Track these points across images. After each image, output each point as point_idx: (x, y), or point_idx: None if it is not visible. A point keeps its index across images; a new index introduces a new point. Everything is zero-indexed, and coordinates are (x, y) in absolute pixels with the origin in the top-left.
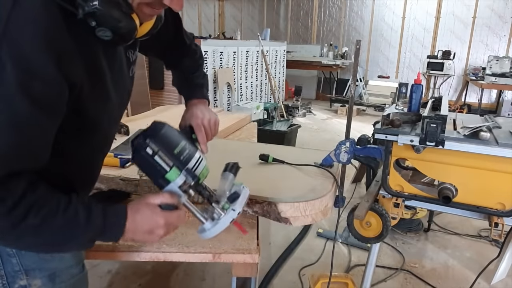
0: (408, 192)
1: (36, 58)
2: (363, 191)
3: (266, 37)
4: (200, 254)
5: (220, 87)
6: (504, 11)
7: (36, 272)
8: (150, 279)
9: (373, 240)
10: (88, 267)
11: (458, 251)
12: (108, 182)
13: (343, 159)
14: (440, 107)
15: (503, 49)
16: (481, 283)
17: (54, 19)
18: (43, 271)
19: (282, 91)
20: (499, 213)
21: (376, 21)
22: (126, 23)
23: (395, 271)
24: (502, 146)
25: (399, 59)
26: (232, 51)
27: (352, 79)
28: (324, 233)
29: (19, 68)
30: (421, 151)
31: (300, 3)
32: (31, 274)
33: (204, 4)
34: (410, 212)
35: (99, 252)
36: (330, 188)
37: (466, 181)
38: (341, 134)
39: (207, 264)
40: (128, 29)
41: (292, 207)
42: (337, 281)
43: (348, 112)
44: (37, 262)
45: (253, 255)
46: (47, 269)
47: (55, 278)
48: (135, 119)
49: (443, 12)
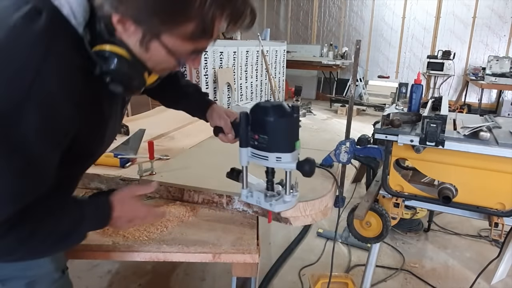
0: (408, 192)
1: (58, 107)
2: (363, 191)
3: (266, 37)
4: (200, 254)
5: (220, 87)
6: (504, 11)
7: (13, 282)
8: (150, 279)
9: (373, 240)
10: (88, 267)
11: (458, 251)
12: (108, 182)
13: (343, 159)
14: (440, 107)
15: (503, 49)
16: (481, 283)
17: (75, 73)
18: (21, 279)
19: (282, 91)
20: (499, 213)
21: (376, 21)
22: (138, 82)
23: (395, 271)
24: (502, 146)
25: (399, 59)
26: (232, 51)
27: (352, 79)
28: (324, 233)
29: (42, 114)
30: (421, 151)
31: (300, 3)
32: (7, 284)
33: None
34: (410, 212)
35: (99, 252)
36: (330, 188)
37: (466, 181)
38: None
39: (207, 264)
40: (138, 86)
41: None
42: (337, 281)
43: (348, 112)
44: (14, 271)
45: (253, 255)
46: (26, 277)
47: (35, 285)
48: (135, 119)
49: (443, 12)
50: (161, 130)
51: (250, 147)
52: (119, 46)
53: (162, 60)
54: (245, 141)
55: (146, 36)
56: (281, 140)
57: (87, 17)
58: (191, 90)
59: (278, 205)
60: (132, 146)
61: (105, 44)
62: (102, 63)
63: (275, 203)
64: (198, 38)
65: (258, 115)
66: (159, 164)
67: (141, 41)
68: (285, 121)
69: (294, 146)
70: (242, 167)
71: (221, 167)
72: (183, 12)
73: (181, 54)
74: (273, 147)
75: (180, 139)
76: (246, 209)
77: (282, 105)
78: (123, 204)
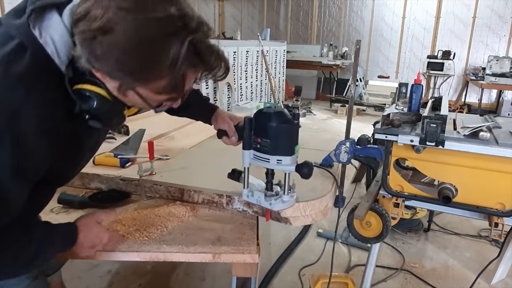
0: (408, 192)
1: (33, 145)
2: (363, 191)
3: (266, 37)
4: (200, 254)
5: (220, 87)
6: (504, 11)
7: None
8: (150, 279)
9: (373, 240)
10: (88, 267)
11: (458, 251)
12: (108, 182)
13: (343, 159)
14: (440, 107)
15: (503, 49)
16: (481, 283)
17: (56, 113)
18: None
19: (282, 91)
20: (499, 213)
21: (376, 21)
22: (117, 119)
23: (395, 271)
24: (502, 146)
25: (399, 59)
26: (232, 51)
27: (352, 79)
28: (324, 233)
29: (15, 154)
30: (421, 151)
31: (300, 3)
32: None
33: (204, 4)
34: (410, 212)
35: (99, 252)
36: (330, 188)
37: (466, 181)
38: (341, 134)
39: (207, 264)
40: (118, 122)
41: (292, 207)
42: (337, 281)
43: (348, 112)
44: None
45: (253, 255)
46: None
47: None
48: (135, 119)
49: (443, 12)
50: (161, 130)
51: (253, 150)
52: (99, 87)
53: (140, 104)
54: (248, 144)
55: (122, 86)
56: (282, 144)
57: (71, 56)
58: (193, 99)
59: (277, 204)
60: (132, 146)
61: (86, 83)
62: (82, 102)
63: (274, 202)
64: (171, 92)
65: (262, 120)
66: (159, 164)
67: (118, 89)
68: (286, 126)
69: (293, 150)
70: (244, 168)
71: (221, 167)
72: (154, 72)
73: (156, 102)
74: (274, 150)
75: (180, 139)
76: (246, 209)
77: (284, 112)
78: (88, 230)
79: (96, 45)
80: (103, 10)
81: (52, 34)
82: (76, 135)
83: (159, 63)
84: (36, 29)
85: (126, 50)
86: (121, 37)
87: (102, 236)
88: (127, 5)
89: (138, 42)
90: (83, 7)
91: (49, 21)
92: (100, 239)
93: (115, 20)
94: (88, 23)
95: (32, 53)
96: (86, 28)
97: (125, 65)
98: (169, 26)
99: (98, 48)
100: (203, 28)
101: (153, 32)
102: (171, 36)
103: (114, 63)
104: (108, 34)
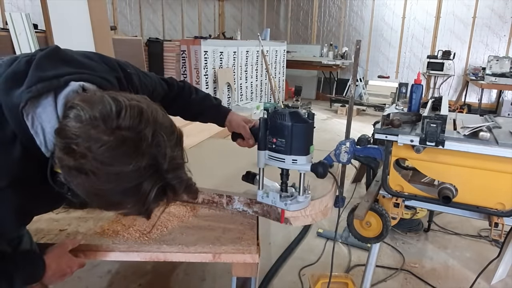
0: (408, 192)
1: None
2: (363, 191)
3: (266, 37)
4: (200, 254)
5: (220, 87)
6: (504, 11)
7: None
8: (150, 279)
9: (373, 240)
10: (88, 267)
11: (458, 251)
12: None
13: (343, 159)
14: (440, 107)
15: (503, 49)
16: (481, 283)
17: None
18: None
19: (282, 91)
20: (499, 213)
21: (376, 21)
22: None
23: (395, 271)
24: (502, 146)
25: (399, 59)
26: (232, 51)
27: (352, 79)
28: (324, 233)
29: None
30: (421, 151)
31: (300, 3)
32: None
33: (204, 4)
34: (410, 212)
35: (99, 252)
36: (330, 188)
37: (466, 181)
38: (341, 134)
39: (207, 264)
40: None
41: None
42: (337, 281)
43: (348, 112)
44: None
45: (253, 255)
46: None
47: None
48: None
49: (443, 12)
50: None
51: (268, 150)
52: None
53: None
54: (263, 145)
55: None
56: (298, 143)
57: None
58: (207, 105)
59: (292, 205)
60: None
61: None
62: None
63: (290, 203)
64: (137, 215)
65: (277, 120)
66: None
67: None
68: (302, 126)
69: (309, 150)
70: (259, 169)
71: (221, 167)
72: (121, 208)
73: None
74: (289, 150)
75: None
76: (246, 209)
77: (299, 112)
78: (58, 263)
79: (71, 176)
80: (80, 154)
81: (43, 123)
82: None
83: (126, 204)
84: (29, 117)
85: (97, 193)
86: (93, 181)
87: (73, 264)
88: (103, 159)
89: (110, 190)
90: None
91: (44, 108)
92: (70, 268)
93: (89, 168)
94: (66, 156)
95: (21, 145)
96: (64, 158)
97: (94, 201)
98: (140, 177)
99: (73, 179)
100: (177, 160)
101: (125, 183)
102: (140, 185)
103: (85, 194)
104: (82, 174)
